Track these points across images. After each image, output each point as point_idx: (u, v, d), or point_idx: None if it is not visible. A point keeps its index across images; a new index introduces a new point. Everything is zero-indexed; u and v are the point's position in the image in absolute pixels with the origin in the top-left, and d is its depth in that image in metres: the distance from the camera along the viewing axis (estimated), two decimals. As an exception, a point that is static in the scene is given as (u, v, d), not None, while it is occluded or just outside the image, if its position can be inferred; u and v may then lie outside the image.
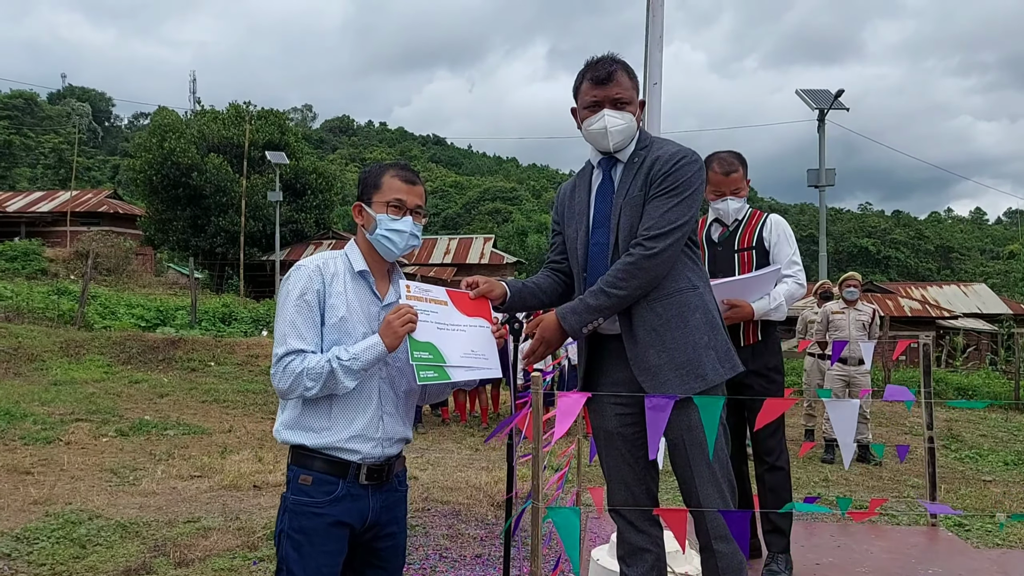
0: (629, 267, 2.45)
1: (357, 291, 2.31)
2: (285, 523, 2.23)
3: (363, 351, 2.18)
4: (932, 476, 4.86)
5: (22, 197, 36.56)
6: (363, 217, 2.37)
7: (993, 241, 77.25)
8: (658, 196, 2.51)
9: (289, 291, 2.24)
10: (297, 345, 2.18)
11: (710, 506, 2.49)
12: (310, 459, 2.23)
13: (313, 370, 2.15)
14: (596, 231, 2.66)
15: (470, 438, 9.26)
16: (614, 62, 2.60)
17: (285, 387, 2.18)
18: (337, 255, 2.36)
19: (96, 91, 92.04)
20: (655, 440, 2.41)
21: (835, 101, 18.21)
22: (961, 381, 14.72)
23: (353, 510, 2.25)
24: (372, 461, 2.27)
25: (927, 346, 4.82)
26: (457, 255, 33.96)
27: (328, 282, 2.26)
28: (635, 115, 2.61)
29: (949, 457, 8.68)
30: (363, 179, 2.42)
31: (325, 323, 2.24)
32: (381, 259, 2.38)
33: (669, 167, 2.51)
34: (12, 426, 8.60)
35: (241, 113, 36.01)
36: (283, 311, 2.23)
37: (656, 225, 2.47)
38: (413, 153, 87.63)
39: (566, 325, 2.51)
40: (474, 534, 5.14)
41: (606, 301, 2.46)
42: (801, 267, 3.88)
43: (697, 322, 2.54)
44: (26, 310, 17.16)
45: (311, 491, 2.21)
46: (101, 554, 4.58)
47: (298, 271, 2.27)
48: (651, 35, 3.61)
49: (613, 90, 2.57)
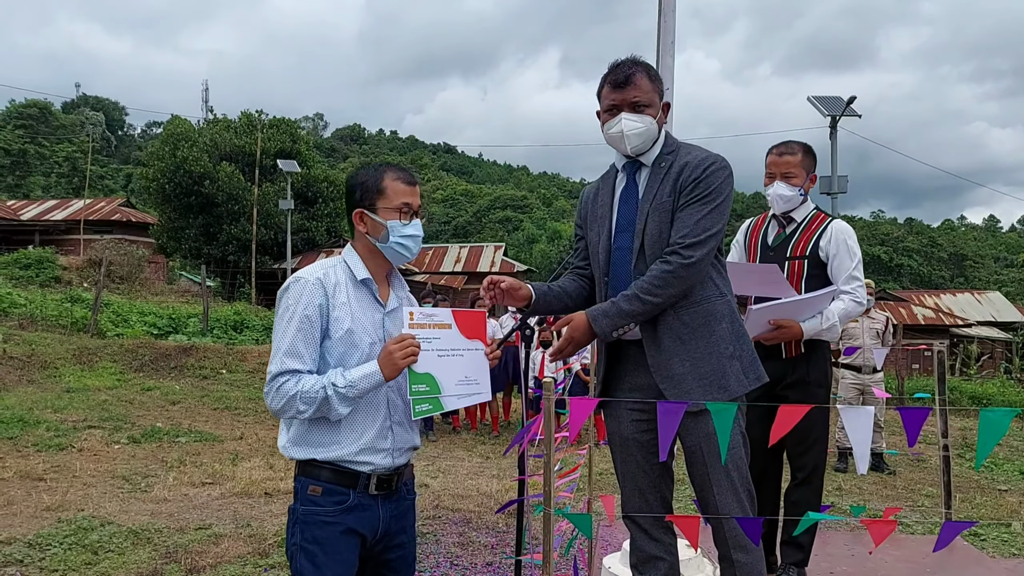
0: (666, 275, 2.42)
1: (360, 300, 2.25)
2: (297, 536, 2.17)
3: (360, 379, 2.12)
4: (947, 485, 4.81)
5: (36, 205, 36.87)
6: (367, 224, 2.28)
7: (1007, 249, 76.71)
8: (690, 204, 2.48)
9: (289, 305, 2.16)
10: (293, 365, 2.12)
11: (728, 515, 2.47)
12: (319, 470, 2.18)
13: (307, 394, 2.09)
14: (619, 236, 2.64)
15: (481, 446, 9.24)
16: (635, 65, 2.58)
17: (277, 407, 2.13)
18: (335, 263, 2.28)
19: (110, 100, 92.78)
20: (666, 444, 2.40)
21: (847, 108, 18.14)
22: (975, 390, 14.60)
23: (364, 520, 2.21)
24: (382, 471, 2.23)
25: (941, 353, 4.79)
26: (468, 263, 34.05)
27: (331, 294, 2.19)
28: (656, 118, 2.58)
29: (964, 466, 8.60)
30: (360, 184, 2.30)
31: (330, 336, 2.17)
32: (382, 265, 2.32)
33: (699, 173, 2.49)
34: (25, 433, 8.64)
35: (253, 122, 36.23)
36: (282, 326, 2.15)
37: (692, 233, 2.44)
38: (424, 161, 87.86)
39: (596, 327, 2.48)
40: (485, 542, 5.13)
41: (640, 307, 2.44)
42: (862, 283, 3.53)
43: (723, 331, 2.52)
44: (39, 317, 17.25)
45: (321, 500, 2.17)
46: (113, 560, 4.59)
47: (298, 284, 2.18)
48: (662, 42, 3.61)
49: (631, 93, 2.55)
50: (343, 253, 2.33)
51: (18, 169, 55.99)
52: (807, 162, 3.61)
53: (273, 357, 2.14)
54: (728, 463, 2.47)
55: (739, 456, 2.50)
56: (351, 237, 2.36)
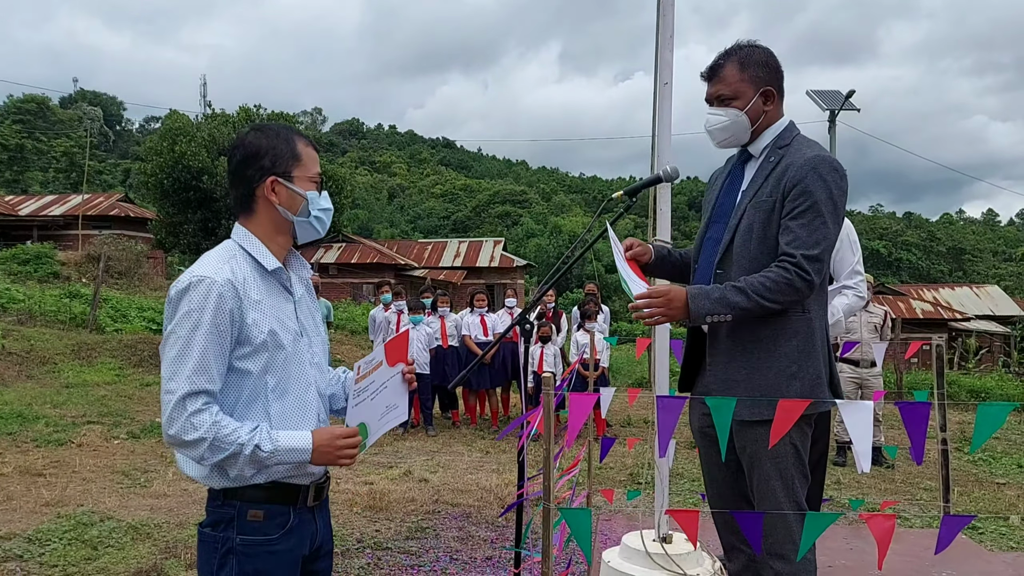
0: (785, 283, 2.31)
1: (271, 294, 1.95)
2: (233, 570, 1.84)
3: (287, 452, 1.82)
4: (946, 479, 4.82)
5: (34, 201, 36.80)
6: (282, 195, 1.96)
7: (1006, 243, 76.75)
8: (802, 213, 2.35)
9: (192, 311, 1.79)
10: (204, 385, 1.78)
11: (769, 522, 2.39)
12: (258, 491, 1.86)
13: (221, 441, 1.76)
14: (713, 225, 2.58)
15: (480, 441, 9.25)
16: (726, 55, 2.50)
17: (182, 439, 1.76)
18: (234, 254, 1.92)
19: (107, 95, 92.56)
20: (665, 441, 2.39)
21: (846, 102, 18.13)
22: (974, 383, 14.61)
23: (304, 537, 1.96)
24: (318, 479, 1.99)
25: (940, 347, 4.78)
26: (467, 258, 34.02)
27: (243, 294, 1.85)
28: (745, 109, 2.47)
29: (962, 460, 8.61)
30: (269, 148, 1.96)
31: (250, 343, 1.85)
32: (284, 245, 2.01)
33: (804, 177, 2.36)
34: (24, 428, 8.65)
35: (251, 116, 36.08)
36: (183, 336, 1.78)
37: (811, 246, 2.32)
38: (423, 156, 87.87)
39: (694, 305, 2.34)
40: (484, 536, 5.13)
41: (746, 303, 2.32)
42: (863, 277, 3.59)
43: (790, 349, 2.40)
44: (38, 313, 17.24)
45: (264, 527, 1.87)
46: (112, 556, 4.60)
47: (203, 285, 1.81)
48: (662, 36, 3.59)
49: (716, 87, 2.50)
50: (235, 237, 1.98)
51: (16, 164, 55.89)
52: None
53: (174, 374, 1.78)
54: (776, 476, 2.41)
55: (788, 470, 2.42)
56: (243, 213, 1.99)
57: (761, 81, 2.49)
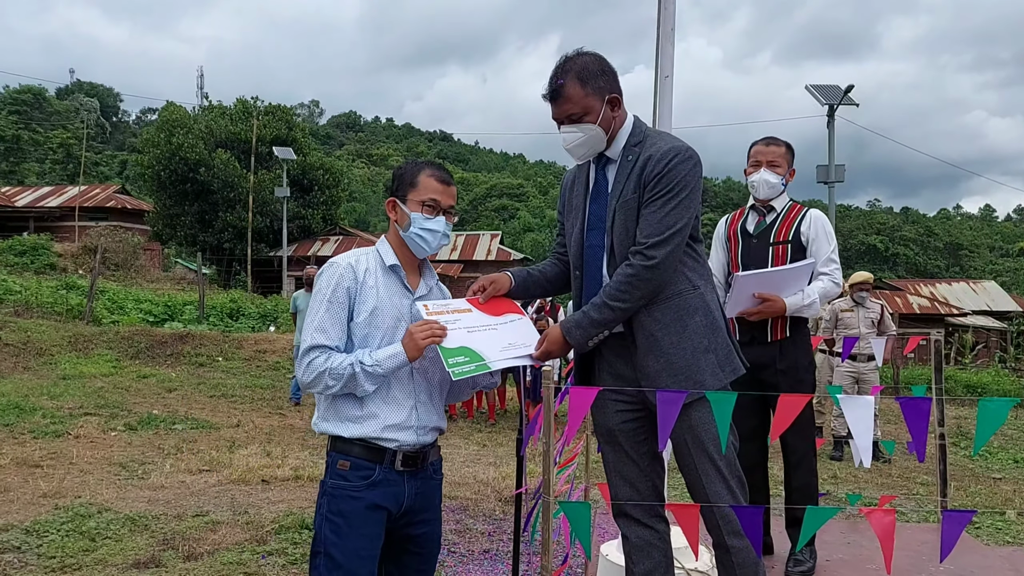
0: (630, 279, 2.40)
1: (388, 285, 2.39)
2: (324, 507, 2.29)
3: (385, 359, 2.26)
4: (943, 474, 4.82)
5: (30, 192, 36.74)
6: (397, 213, 2.42)
7: (1003, 238, 76.91)
8: (653, 200, 2.42)
9: (321, 287, 2.33)
10: (320, 340, 2.26)
11: (720, 503, 2.46)
12: (347, 445, 2.30)
13: (335, 370, 2.23)
14: (591, 233, 2.61)
15: (477, 434, 9.26)
16: (563, 72, 2.49)
17: (307, 381, 2.28)
18: (369, 251, 2.44)
19: (104, 86, 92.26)
20: (665, 435, 2.39)
21: (844, 97, 18.11)
22: (971, 379, 14.67)
23: (389, 495, 2.31)
24: (408, 448, 2.33)
25: (938, 342, 4.78)
26: (464, 251, 33.98)
27: (360, 278, 2.34)
28: (597, 122, 2.48)
29: (959, 455, 8.64)
30: (399, 175, 2.46)
31: (355, 318, 2.32)
32: (408, 254, 2.45)
33: (662, 167, 2.42)
34: (21, 420, 8.64)
35: (248, 109, 36.05)
36: (315, 307, 2.32)
37: (654, 232, 2.40)
38: (420, 149, 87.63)
39: (571, 339, 2.49)
40: (482, 529, 5.14)
41: (609, 315, 2.43)
42: (838, 265, 3.80)
43: (696, 325, 2.48)
44: (35, 305, 17.23)
45: (348, 475, 2.29)
46: (110, 547, 4.59)
47: (331, 268, 2.35)
48: (662, 29, 3.58)
49: (563, 107, 2.49)
50: (377, 243, 2.48)
51: (12, 155, 55.74)
52: (789, 156, 3.86)
53: (305, 333, 2.31)
54: (715, 452, 2.47)
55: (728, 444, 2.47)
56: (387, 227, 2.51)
57: (604, 90, 2.50)
